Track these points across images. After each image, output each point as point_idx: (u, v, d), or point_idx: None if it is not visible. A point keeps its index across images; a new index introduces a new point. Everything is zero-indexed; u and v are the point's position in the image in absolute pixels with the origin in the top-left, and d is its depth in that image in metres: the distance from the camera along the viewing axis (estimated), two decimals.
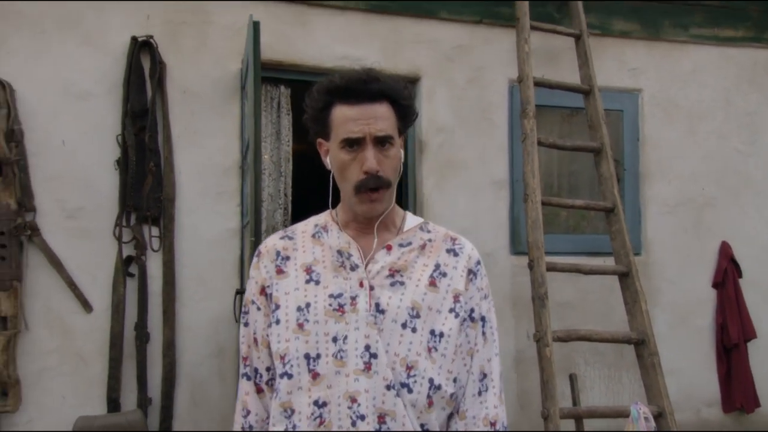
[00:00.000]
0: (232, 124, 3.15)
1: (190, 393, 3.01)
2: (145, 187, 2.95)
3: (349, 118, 1.28)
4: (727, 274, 3.66)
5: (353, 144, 1.27)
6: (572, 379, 3.10)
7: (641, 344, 3.06)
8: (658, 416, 2.97)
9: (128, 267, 2.95)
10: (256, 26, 2.72)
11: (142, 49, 2.97)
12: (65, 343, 2.86)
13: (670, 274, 3.68)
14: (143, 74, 2.97)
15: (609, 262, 3.27)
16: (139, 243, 2.94)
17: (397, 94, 1.32)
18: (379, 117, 1.28)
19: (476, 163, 3.45)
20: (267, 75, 3.12)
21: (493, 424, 1.32)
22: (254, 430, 1.39)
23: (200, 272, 3.07)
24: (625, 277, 3.15)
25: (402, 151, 1.34)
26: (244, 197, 3.13)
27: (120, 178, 2.93)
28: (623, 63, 3.68)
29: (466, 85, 3.45)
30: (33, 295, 2.80)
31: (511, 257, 3.42)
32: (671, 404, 2.98)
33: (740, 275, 3.69)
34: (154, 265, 3.00)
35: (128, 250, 2.94)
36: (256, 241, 2.56)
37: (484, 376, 1.34)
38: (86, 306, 2.88)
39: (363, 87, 1.28)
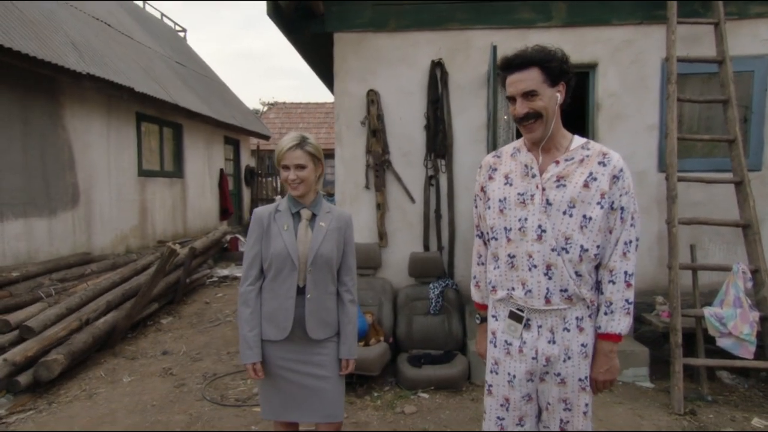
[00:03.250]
0: (482, 102, 4.40)
1: (462, 244, 4.48)
2: (438, 139, 4.44)
3: (509, 84, 1.58)
4: None
5: (512, 99, 1.60)
6: (692, 248, 3.92)
7: (747, 227, 3.74)
8: (755, 272, 3.64)
9: (431, 180, 4.48)
10: (494, 49, 3.95)
11: (436, 66, 4.36)
12: (403, 217, 4.51)
13: None
14: (437, 79, 4.38)
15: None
16: (435, 168, 4.47)
17: (543, 59, 1.54)
18: (524, 79, 1.54)
19: (635, 114, 4.26)
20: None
21: (611, 271, 1.62)
22: (485, 263, 1.84)
23: (465, 183, 4.44)
24: (740, 184, 3.81)
25: (559, 95, 1.57)
26: (488, 143, 4.37)
27: (426, 135, 4.43)
28: (756, 36, 4.07)
29: (630, 64, 4.23)
30: (389, 194, 4.50)
31: (658, 173, 4.21)
32: (767, 265, 3.66)
33: None
34: (443, 179, 4.47)
35: (430, 172, 4.48)
36: None
37: (615, 244, 1.60)
38: (412, 200, 4.50)
39: (512, 61, 1.56)
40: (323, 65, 5.59)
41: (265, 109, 22.35)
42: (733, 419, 3.30)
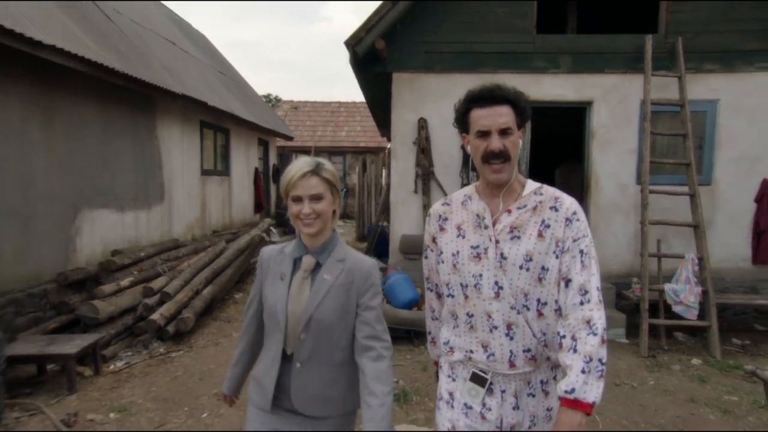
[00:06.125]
0: None
1: None
2: (471, 156, 6.16)
3: (481, 116, 1.48)
4: (763, 194, 5.50)
5: (484, 134, 1.48)
6: (658, 242, 5.42)
7: (696, 227, 5.25)
8: (700, 259, 5.14)
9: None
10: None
11: None
12: None
13: (728, 195, 5.60)
14: None
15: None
16: (468, 178, 6.14)
17: (517, 98, 1.49)
18: (502, 114, 1.46)
19: (620, 141, 5.75)
20: None
21: (588, 322, 1.42)
22: (440, 319, 1.73)
23: None
24: (693, 197, 5.31)
25: (521, 140, 1.51)
26: None
27: (462, 153, 5.89)
28: (708, 86, 5.57)
29: (617, 103, 5.75)
30: (433, 197, 5.99)
31: (636, 186, 5.69)
32: (708, 255, 5.14)
33: None
34: None
35: (464, 181, 5.93)
36: None
37: (585, 291, 1.45)
38: None
39: (489, 94, 1.49)
40: (378, 97, 7.09)
41: (272, 105, 23.71)
42: (680, 360, 4.88)
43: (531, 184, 1.56)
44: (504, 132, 1.46)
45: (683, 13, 5.59)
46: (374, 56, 5.83)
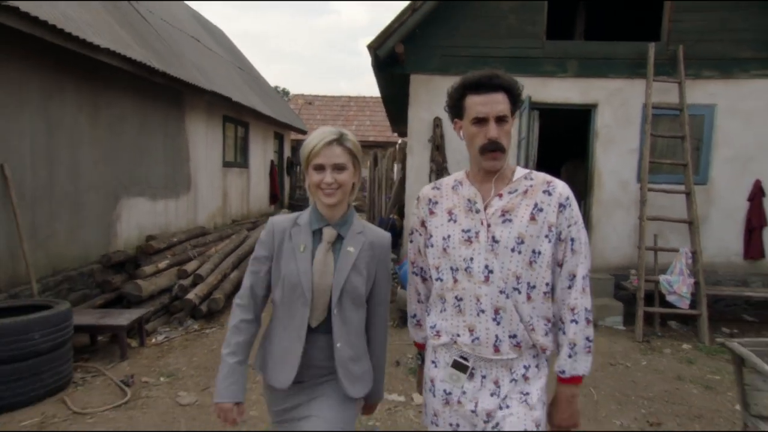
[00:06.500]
0: (513, 129, 6.54)
1: None
2: None
3: (477, 103, 1.49)
4: (756, 194, 5.88)
5: (481, 121, 1.49)
6: (655, 237, 5.84)
7: (691, 223, 5.66)
8: (694, 253, 5.56)
9: None
10: (528, 99, 5.88)
11: None
12: None
13: (723, 193, 5.98)
14: None
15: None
16: None
17: (511, 86, 1.51)
18: (499, 102, 1.48)
19: (622, 141, 6.15)
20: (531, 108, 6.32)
21: (572, 310, 1.52)
22: (425, 302, 1.76)
23: None
24: (688, 195, 5.72)
25: (512, 129, 1.53)
26: (518, 158, 6.40)
27: None
28: (706, 91, 5.94)
29: (620, 106, 6.17)
30: None
31: (636, 183, 6.08)
32: (701, 248, 5.55)
33: (764, 195, 5.93)
34: None
35: None
36: None
37: (572, 277, 1.53)
38: None
39: (488, 81, 1.50)
40: (395, 96, 7.53)
41: (286, 99, 24.17)
42: (671, 345, 5.32)
43: (520, 170, 1.61)
44: (500, 119, 1.49)
45: (684, 22, 5.97)
46: (393, 59, 6.26)
